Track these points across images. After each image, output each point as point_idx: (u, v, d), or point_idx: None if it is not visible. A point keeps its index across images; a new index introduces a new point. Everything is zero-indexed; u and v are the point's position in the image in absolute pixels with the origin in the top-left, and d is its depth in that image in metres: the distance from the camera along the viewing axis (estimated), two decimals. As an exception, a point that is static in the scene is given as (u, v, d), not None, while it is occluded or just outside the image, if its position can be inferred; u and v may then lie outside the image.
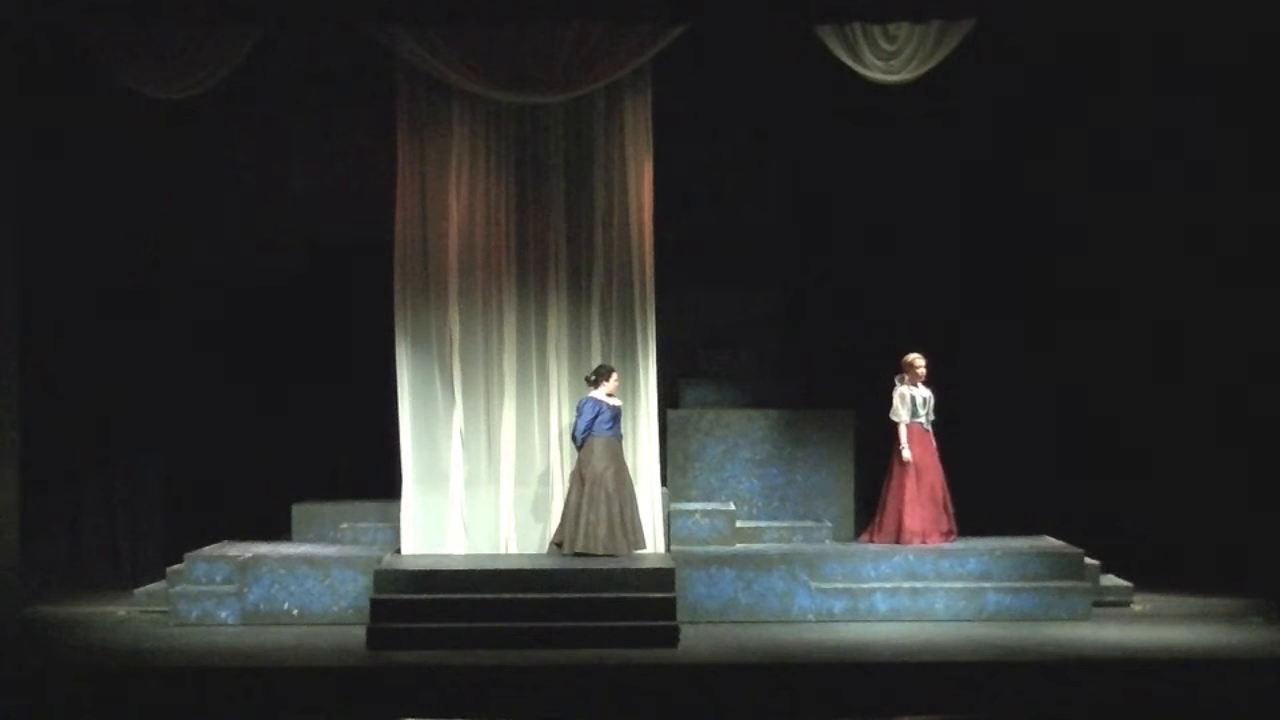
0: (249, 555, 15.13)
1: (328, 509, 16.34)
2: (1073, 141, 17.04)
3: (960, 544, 15.55)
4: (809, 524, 16.12)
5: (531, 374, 15.87)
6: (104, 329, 17.13)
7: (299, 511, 16.35)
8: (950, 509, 15.77)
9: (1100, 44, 16.08)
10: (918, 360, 15.88)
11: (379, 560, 14.96)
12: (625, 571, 14.56)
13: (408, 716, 12.30)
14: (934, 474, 15.77)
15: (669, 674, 12.93)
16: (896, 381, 15.85)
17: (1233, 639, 13.87)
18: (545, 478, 15.84)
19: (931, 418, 15.86)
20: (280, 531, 16.37)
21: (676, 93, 15.93)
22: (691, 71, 16.01)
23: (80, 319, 17.06)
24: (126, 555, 17.35)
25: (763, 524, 16.12)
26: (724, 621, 14.70)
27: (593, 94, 15.55)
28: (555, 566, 14.85)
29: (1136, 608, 15.24)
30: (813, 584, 14.86)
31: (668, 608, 14.11)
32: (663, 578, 14.41)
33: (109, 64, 14.82)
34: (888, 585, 14.94)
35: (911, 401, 15.80)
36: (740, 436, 16.59)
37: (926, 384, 15.89)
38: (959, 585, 14.93)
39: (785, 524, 16.13)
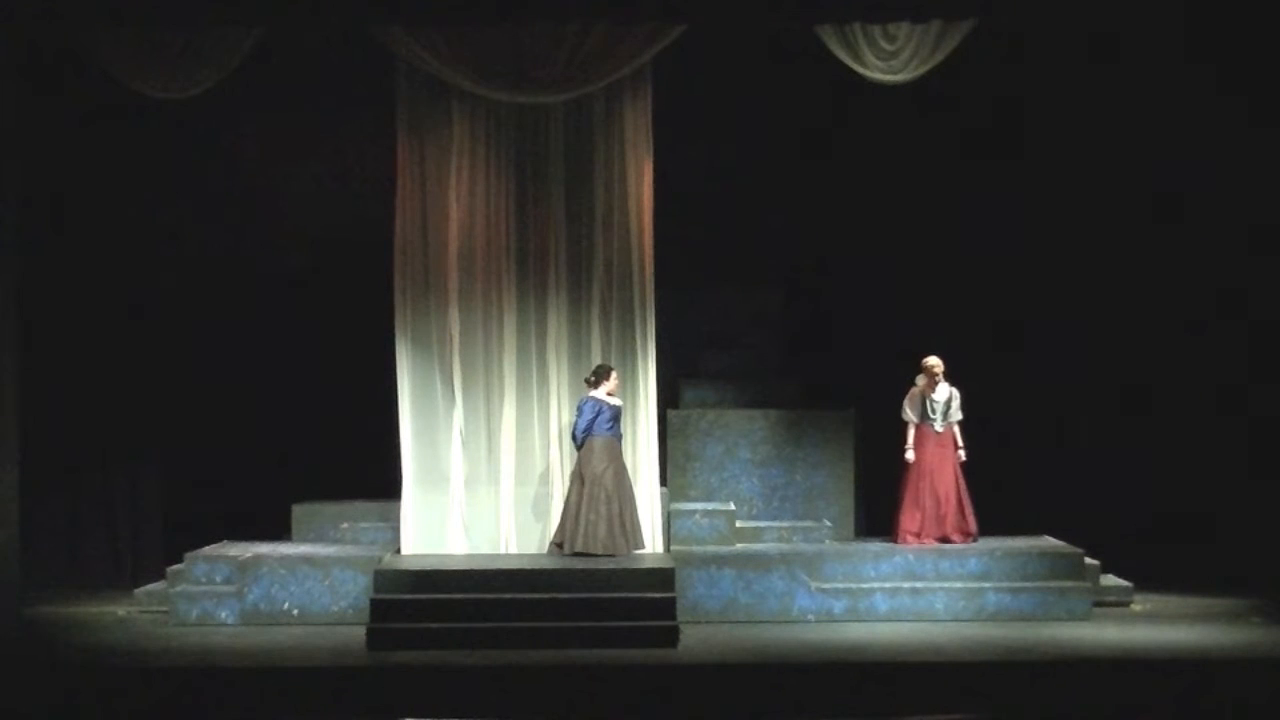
0: (249, 555, 15.13)
1: (328, 509, 16.34)
2: (1071, 142, 17.08)
3: (960, 544, 15.54)
4: (809, 524, 16.10)
5: (531, 374, 15.86)
6: (103, 328, 17.12)
7: (299, 511, 16.35)
8: (966, 511, 15.68)
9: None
10: (934, 365, 15.85)
11: (379, 560, 14.95)
12: (625, 571, 14.56)
13: (408, 716, 12.30)
14: (942, 475, 15.72)
15: (669, 674, 12.93)
16: (916, 382, 15.84)
17: (1233, 639, 13.87)
18: (545, 478, 15.84)
19: (958, 418, 15.80)
20: (280, 531, 16.37)
21: (676, 93, 15.93)
22: (691, 71, 16.01)
23: (80, 318, 17.05)
24: (126, 555, 17.35)
25: (763, 524, 16.11)
26: (724, 621, 14.70)
27: (593, 94, 15.55)
28: (555, 566, 14.85)
29: (1136, 608, 15.24)
30: (813, 584, 14.85)
31: (668, 608, 14.11)
32: (663, 578, 14.41)
33: (109, 64, 14.82)
34: (888, 585, 14.93)
35: (923, 403, 15.79)
36: (740, 436, 16.58)
37: (950, 384, 15.88)
38: (959, 585, 14.92)
39: (785, 524, 16.12)
